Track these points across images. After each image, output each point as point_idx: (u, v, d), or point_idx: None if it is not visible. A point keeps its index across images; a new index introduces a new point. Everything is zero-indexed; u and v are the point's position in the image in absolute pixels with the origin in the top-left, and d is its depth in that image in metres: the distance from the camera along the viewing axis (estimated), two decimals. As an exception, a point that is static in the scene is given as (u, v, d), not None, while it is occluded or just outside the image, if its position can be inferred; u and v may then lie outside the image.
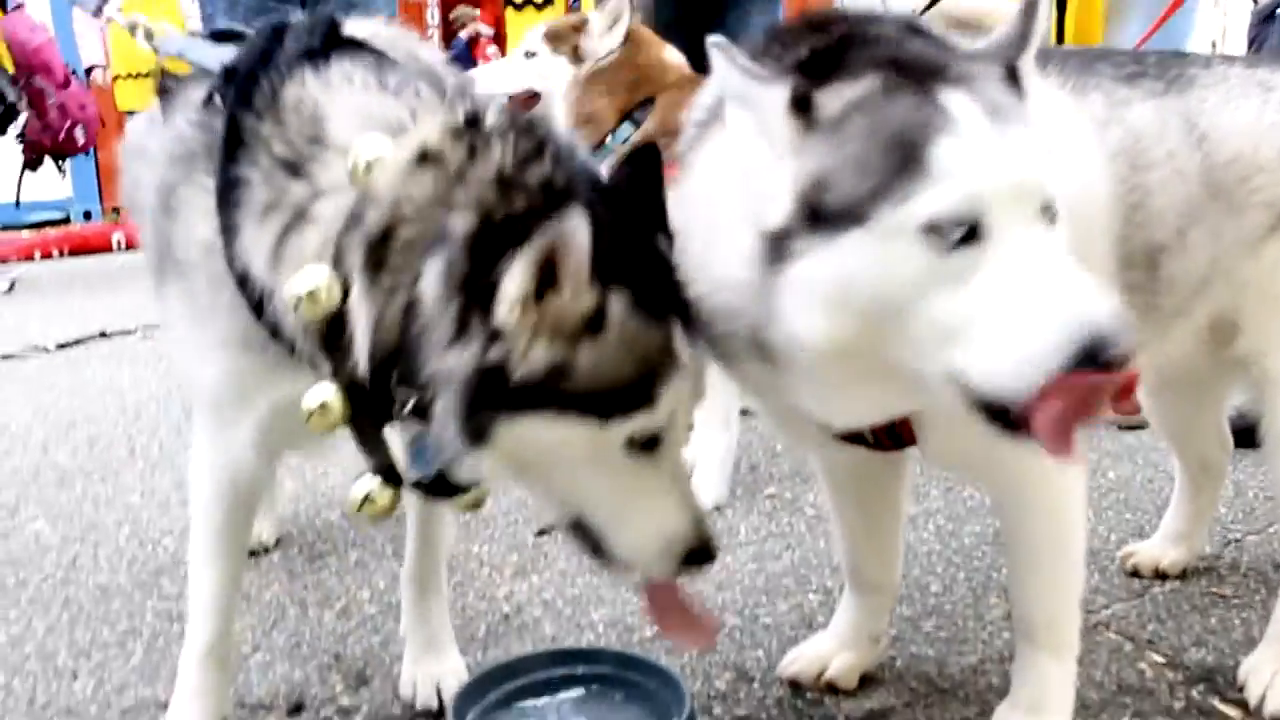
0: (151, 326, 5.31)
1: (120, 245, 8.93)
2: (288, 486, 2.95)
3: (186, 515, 2.71)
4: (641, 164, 1.31)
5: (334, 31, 1.42)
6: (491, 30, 9.02)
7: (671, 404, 1.25)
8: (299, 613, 2.18)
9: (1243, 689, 1.73)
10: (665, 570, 1.32)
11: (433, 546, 1.82)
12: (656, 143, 1.37)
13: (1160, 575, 2.16)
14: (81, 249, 9.10)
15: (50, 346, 5.01)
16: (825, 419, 1.35)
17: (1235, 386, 1.98)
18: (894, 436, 1.44)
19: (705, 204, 1.31)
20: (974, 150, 1.12)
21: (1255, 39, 5.34)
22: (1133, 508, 2.55)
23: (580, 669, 1.64)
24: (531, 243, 1.16)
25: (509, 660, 1.71)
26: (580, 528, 1.33)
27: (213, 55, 1.50)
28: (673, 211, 1.32)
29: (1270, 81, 1.69)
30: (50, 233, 9.50)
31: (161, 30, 1.91)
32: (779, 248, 1.17)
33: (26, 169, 7.94)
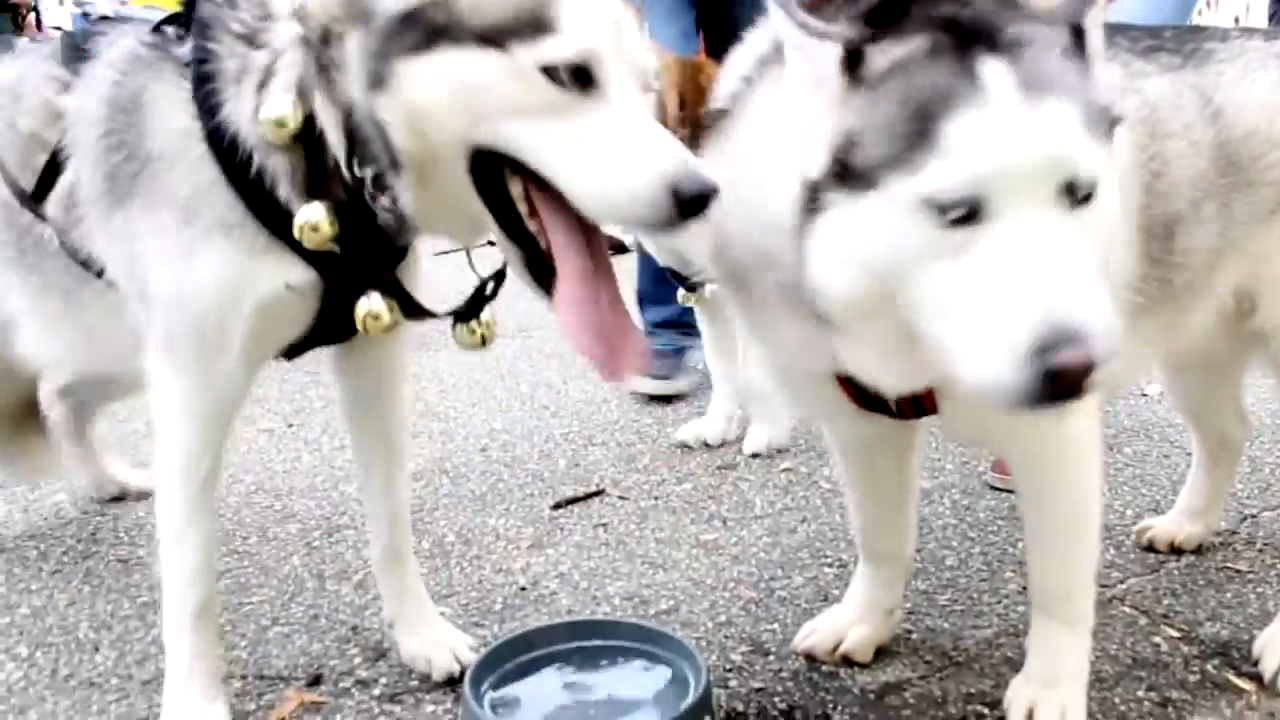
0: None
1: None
2: (304, 460, 2.98)
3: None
4: None
5: None
6: None
7: (586, 30, 1.27)
8: (317, 585, 2.20)
9: (1257, 663, 1.73)
10: (652, 216, 1.27)
11: (398, 522, 1.84)
12: None
13: (1176, 550, 2.16)
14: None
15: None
16: (872, 380, 1.35)
17: (1253, 362, 1.97)
18: (916, 405, 1.44)
19: (759, 152, 1.31)
20: (988, 128, 1.11)
21: (1275, 14, 5.28)
22: (1149, 483, 2.55)
23: (596, 641, 1.65)
24: None
25: (525, 632, 1.72)
26: (522, 235, 1.37)
27: None
28: (720, 162, 1.33)
29: None
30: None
31: None
32: (814, 198, 1.19)
33: None
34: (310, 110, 1.39)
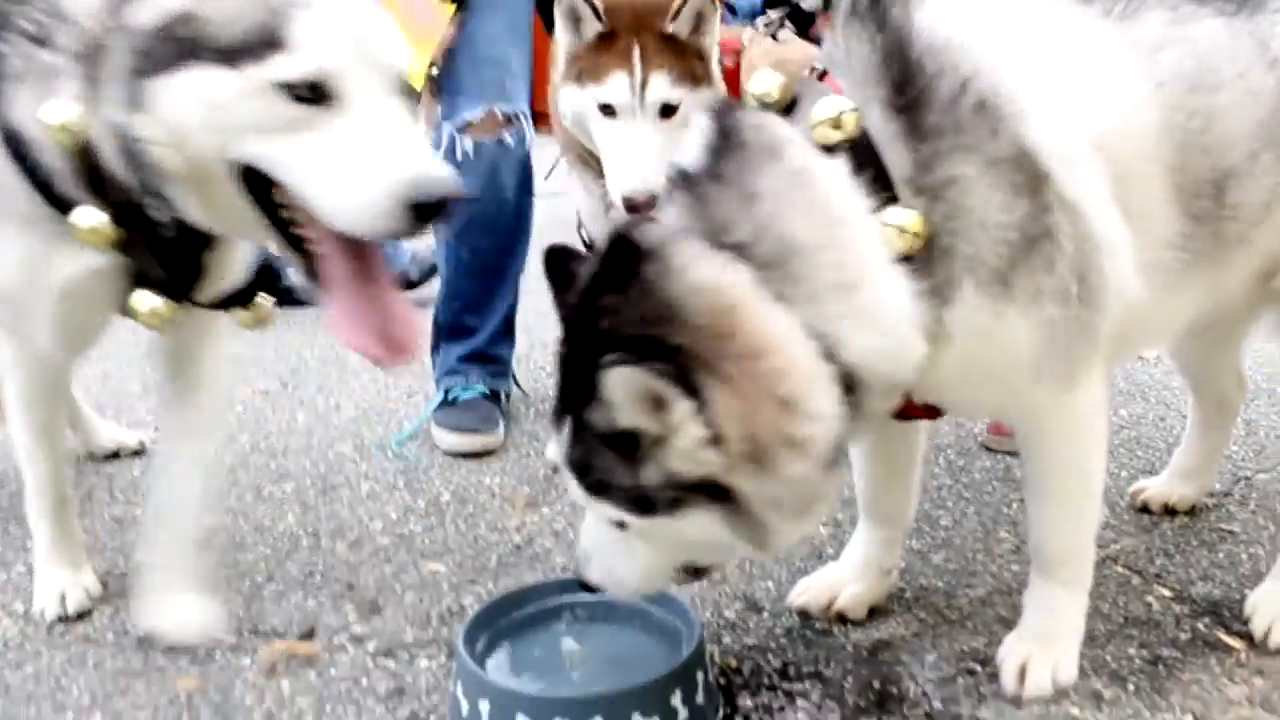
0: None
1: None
2: (300, 419, 2.97)
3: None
4: None
5: None
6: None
7: (319, 46, 1.33)
8: (312, 543, 2.20)
9: (1248, 622, 1.74)
10: (386, 226, 1.34)
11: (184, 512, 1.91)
12: None
13: (1169, 511, 2.16)
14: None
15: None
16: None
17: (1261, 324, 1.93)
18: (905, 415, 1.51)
19: None
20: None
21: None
22: (1144, 445, 2.55)
23: (590, 598, 1.65)
24: None
25: (519, 589, 1.73)
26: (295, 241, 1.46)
27: None
28: None
29: None
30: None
31: None
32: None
33: None
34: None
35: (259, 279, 1.72)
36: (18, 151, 1.50)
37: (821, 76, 1.42)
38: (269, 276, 1.74)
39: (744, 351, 1.19)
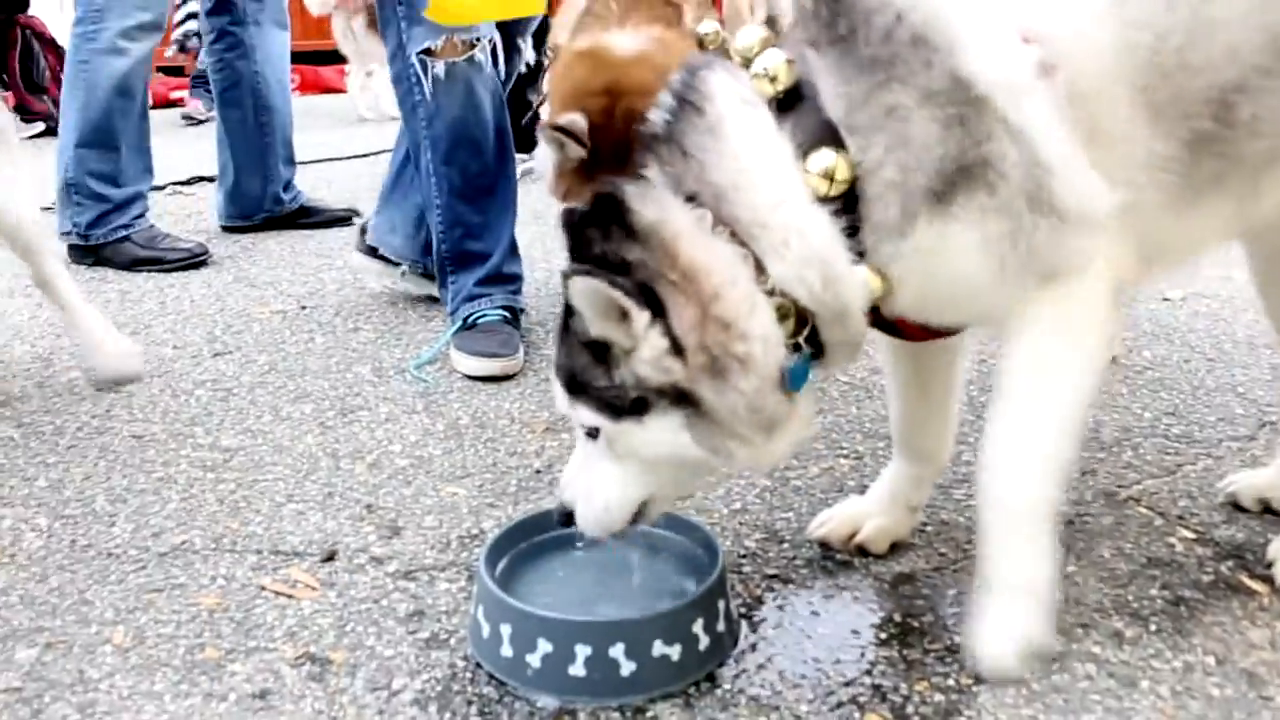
0: (178, 183, 5.28)
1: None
2: (318, 341, 2.97)
3: (218, 368, 2.75)
4: None
5: None
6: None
7: None
8: (331, 464, 2.20)
9: (1270, 565, 1.72)
10: None
11: None
12: None
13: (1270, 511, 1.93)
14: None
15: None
16: None
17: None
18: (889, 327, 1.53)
19: None
20: None
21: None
22: (1168, 387, 2.52)
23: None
24: None
25: (539, 513, 1.73)
26: None
27: None
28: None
29: None
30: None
31: None
32: None
33: None
34: None
35: None
36: None
37: None
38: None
39: (685, 272, 1.33)
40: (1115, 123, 1.37)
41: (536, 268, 2.93)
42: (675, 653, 1.44)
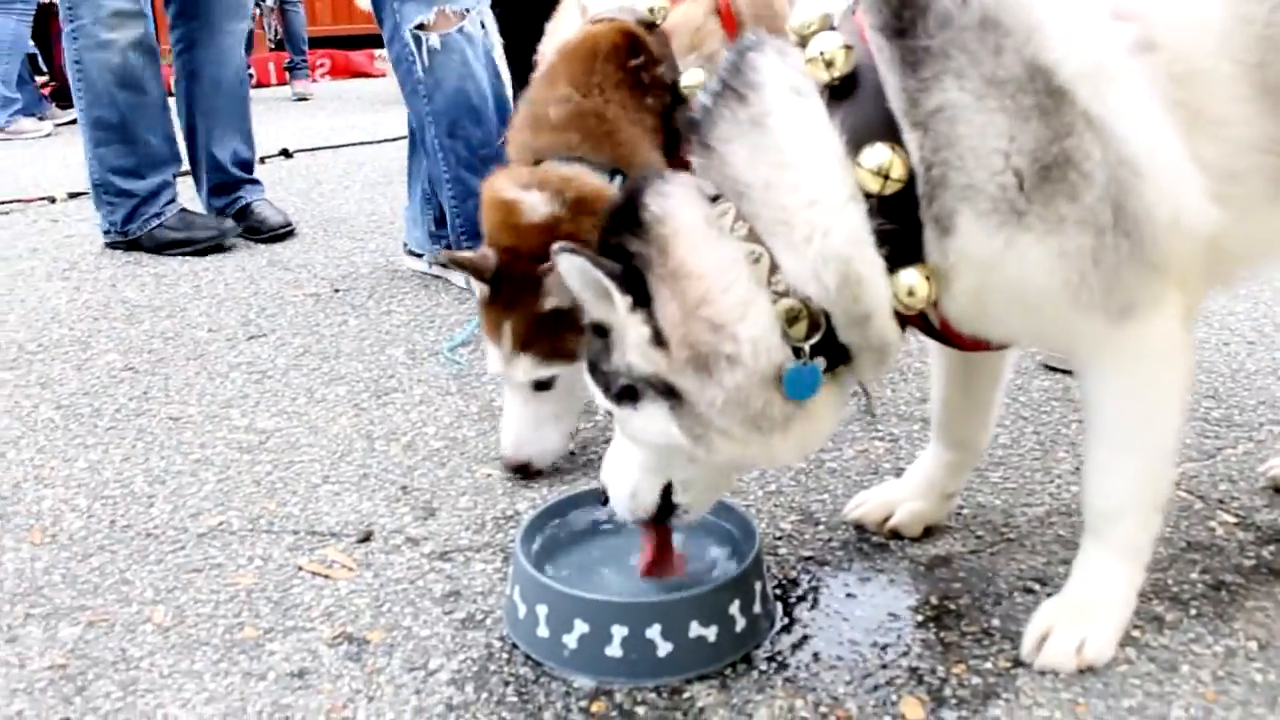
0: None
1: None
2: (351, 323, 2.98)
3: (253, 350, 2.77)
4: None
5: None
6: None
7: None
8: (366, 446, 2.22)
9: (1314, 549, 1.70)
10: None
11: None
12: None
13: None
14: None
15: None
16: None
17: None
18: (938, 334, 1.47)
19: None
20: None
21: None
22: (1207, 370, 2.49)
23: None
24: None
25: (574, 494, 1.73)
26: None
27: None
28: None
29: None
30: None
31: None
32: None
33: None
34: None
35: None
36: None
37: None
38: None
39: (674, 271, 1.32)
40: (1222, 105, 1.27)
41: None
42: (711, 634, 1.44)
